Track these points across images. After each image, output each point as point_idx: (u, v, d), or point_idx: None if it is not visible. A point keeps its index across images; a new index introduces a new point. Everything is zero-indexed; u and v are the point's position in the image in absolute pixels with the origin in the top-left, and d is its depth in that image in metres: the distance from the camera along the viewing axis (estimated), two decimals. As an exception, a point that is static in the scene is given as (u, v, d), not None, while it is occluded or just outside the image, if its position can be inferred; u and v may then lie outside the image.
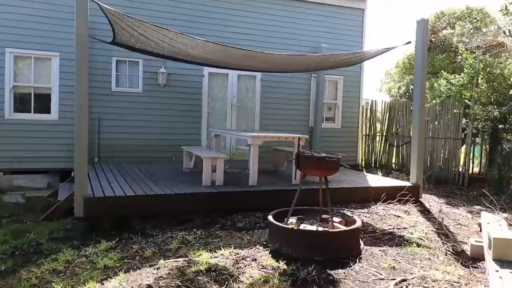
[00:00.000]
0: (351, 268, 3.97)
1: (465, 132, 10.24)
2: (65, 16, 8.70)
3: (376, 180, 8.27)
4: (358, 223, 4.51)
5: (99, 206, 5.63)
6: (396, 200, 6.81)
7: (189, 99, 10.12)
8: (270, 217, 4.56)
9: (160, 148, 9.77)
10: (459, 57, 15.70)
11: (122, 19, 5.91)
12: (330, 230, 4.34)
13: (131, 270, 4.05)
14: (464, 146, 10.21)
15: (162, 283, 3.65)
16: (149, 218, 5.87)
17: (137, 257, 4.48)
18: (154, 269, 4.02)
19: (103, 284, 3.77)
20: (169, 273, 3.87)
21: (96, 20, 7.27)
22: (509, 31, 9.55)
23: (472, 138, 10.31)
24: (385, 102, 12.28)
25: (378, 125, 12.30)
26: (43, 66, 9.02)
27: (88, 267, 4.28)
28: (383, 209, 6.39)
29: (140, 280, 3.76)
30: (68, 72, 8.89)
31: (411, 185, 7.29)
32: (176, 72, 9.86)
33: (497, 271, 3.71)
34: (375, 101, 12.27)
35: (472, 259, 4.49)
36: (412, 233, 5.24)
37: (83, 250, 4.80)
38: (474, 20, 18.78)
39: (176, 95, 9.96)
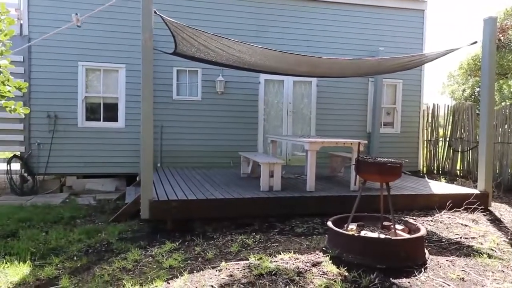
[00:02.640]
0: (416, 277, 3.81)
1: (539, 136, 9.53)
2: (131, 30, 9.15)
3: (439, 187, 7.90)
4: (423, 231, 4.34)
5: (163, 209, 5.78)
6: (462, 208, 6.45)
7: (245, 106, 10.26)
8: (329, 223, 4.50)
9: (218, 153, 9.95)
10: (531, 56, 14.70)
11: (183, 30, 6.14)
12: (394, 238, 4.21)
13: (195, 271, 4.15)
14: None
15: (225, 284, 3.73)
16: (209, 221, 5.97)
17: (200, 259, 4.58)
18: (216, 271, 4.09)
19: (169, 284, 3.90)
20: (230, 275, 3.93)
21: (157, 33, 7.60)
22: None
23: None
24: (448, 105, 11.73)
25: (441, 130, 11.76)
26: (111, 77, 9.51)
27: (155, 266, 4.45)
28: (448, 218, 6.08)
29: (203, 281, 3.86)
30: (134, 82, 9.33)
31: (478, 192, 6.89)
32: (233, 80, 10.04)
33: None
34: (437, 104, 11.76)
35: (551, 273, 4.20)
36: (481, 243, 4.94)
37: (149, 250, 4.97)
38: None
39: (233, 102, 10.14)
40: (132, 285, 3.91)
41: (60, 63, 9.13)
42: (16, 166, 9.15)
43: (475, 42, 7.31)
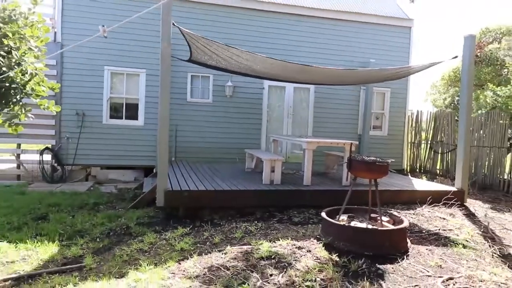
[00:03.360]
0: (399, 264, 3.81)
1: (511, 141, 9.49)
2: (151, 39, 9.16)
3: (421, 184, 7.87)
4: (406, 223, 4.33)
5: (176, 198, 5.80)
6: (441, 203, 6.43)
7: (251, 108, 10.24)
8: (323, 214, 4.50)
9: (225, 150, 9.96)
10: (505, 70, 14.62)
11: (198, 40, 6.14)
12: (380, 228, 4.21)
13: (203, 254, 4.17)
14: (509, 154, 9.47)
15: (230, 266, 3.73)
16: (217, 210, 5.99)
17: (208, 243, 4.60)
18: (222, 253, 4.10)
19: (180, 264, 3.91)
20: (235, 258, 3.94)
21: (174, 42, 7.60)
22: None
23: (518, 147, 9.54)
24: (430, 112, 11.68)
25: (423, 134, 11.72)
26: (132, 81, 9.53)
27: (168, 248, 4.47)
28: (429, 212, 6.06)
29: (210, 262, 3.86)
30: (153, 85, 9.35)
31: (456, 190, 6.86)
32: (241, 85, 10.03)
33: (545, 275, 3.41)
34: (421, 111, 11.72)
35: (519, 263, 4.17)
36: (457, 235, 4.92)
37: (163, 234, 5.01)
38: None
39: (240, 105, 10.13)
40: (147, 265, 3.92)
41: (88, 67, 9.16)
42: (47, 157, 9.20)
43: (456, 57, 7.27)
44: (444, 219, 5.69)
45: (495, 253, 4.36)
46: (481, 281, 3.55)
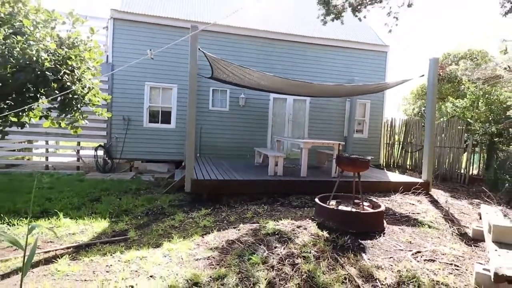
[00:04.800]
0: (377, 240, 3.78)
1: (466, 143, 9.32)
2: (181, 61, 9.22)
3: (394, 176, 7.78)
4: (382, 207, 4.28)
5: (200, 185, 5.82)
6: (410, 192, 6.35)
7: (259, 115, 10.22)
8: (316, 199, 4.47)
9: (239, 148, 9.95)
10: (462, 86, 14.36)
11: (218, 62, 6.13)
12: (362, 211, 4.17)
13: (221, 229, 4.18)
14: (465, 153, 9.31)
15: (242, 239, 3.73)
16: (232, 195, 5.99)
17: (225, 221, 4.61)
18: (236, 230, 4.11)
19: (203, 237, 3.92)
20: (246, 233, 3.93)
21: (199, 63, 7.63)
22: (509, 67, 8.62)
23: (472, 148, 9.37)
24: (401, 119, 11.53)
25: (396, 136, 11.58)
26: (166, 93, 9.57)
27: (193, 225, 4.48)
28: (401, 198, 5.99)
29: (227, 236, 3.87)
30: (182, 97, 9.40)
31: (422, 181, 6.76)
32: (251, 97, 10.01)
33: (496, 250, 3.34)
34: (394, 118, 11.58)
35: (473, 240, 4.09)
36: (424, 217, 4.86)
37: (190, 214, 5.03)
38: (475, 59, 17.11)
39: (250, 112, 10.11)
40: (178, 238, 3.93)
41: (132, 83, 9.22)
42: (100, 152, 9.29)
43: (423, 75, 7.18)
44: (413, 204, 5.63)
45: (454, 232, 4.30)
46: (443, 254, 3.50)
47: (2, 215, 4.84)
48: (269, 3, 11.68)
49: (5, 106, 4.25)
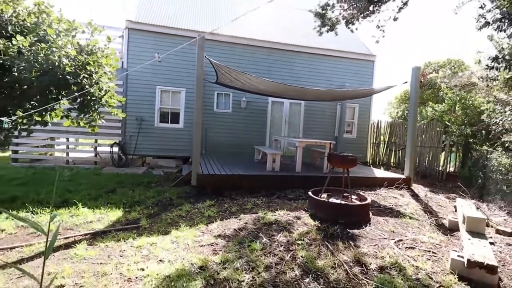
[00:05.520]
0: (363, 229, 3.77)
1: (444, 143, 9.32)
2: (189, 66, 9.18)
3: (380, 173, 7.77)
4: (369, 200, 4.28)
5: (205, 179, 5.82)
6: (394, 187, 6.35)
7: (259, 117, 10.19)
8: (310, 193, 4.46)
9: (240, 146, 9.92)
10: (441, 92, 14.35)
11: (222, 68, 6.11)
12: (350, 204, 4.16)
13: (224, 219, 4.16)
14: (443, 153, 9.31)
15: (243, 228, 3.72)
16: (234, 188, 5.96)
17: (227, 212, 4.58)
18: (237, 219, 4.10)
19: (208, 226, 3.91)
20: (247, 223, 3.92)
21: (205, 69, 7.61)
22: (482, 77, 8.65)
23: (449, 148, 9.37)
24: (387, 121, 11.51)
25: (382, 137, 11.57)
26: (176, 96, 9.54)
27: (199, 215, 4.46)
28: (385, 192, 5.99)
29: (229, 225, 3.86)
30: (190, 100, 9.36)
31: (405, 177, 6.76)
32: (252, 100, 9.99)
33: (469, 239, 3.34)
34: (380, 120, 11.55)
35: (450, 230, 4.10)
36: (405, 209, 4.85)
37: (196, 205, 4.99)
38: (453, 67, 17.10)
39: (251, 114, 10.08)
40: (184, 226, 3.93)
41: (145, 86, 9.19)
42: (115, 149, 9.26)
43: (406, 82, 7.15)
44: (396, 198, 5.63)
45: (432, 223, 4.30)
46: (422, 242, 3.50)
47: (27, 204, 4.83)
48: (268, 16, 11.64)
49: (30, 107, 4.23)
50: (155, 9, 10.19)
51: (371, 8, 6.67)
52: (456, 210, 4.96)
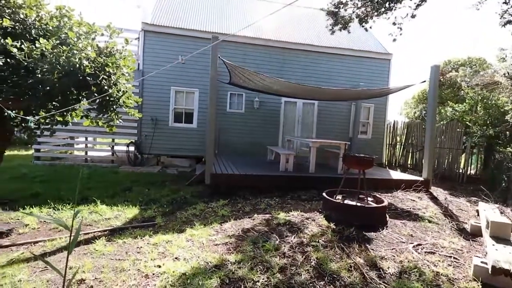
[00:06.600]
0: (380, 232, 3.70)
1: (465, 145, 9.01)
2: (203, 67, 9.27)
3: (396, 174, 7.59)
4: (385, 202, 4.19)
5: (218, 178, 5.85)
6: (411, 189, 6.18)
7: (272, 117, 10.17)
8: (324, 194, 4.41)
9: (253, 146, 9.90)
10: (462, 92, 13.88)
11: (236, 68, 6.14)
12: (366, 206, 4.09)
13: (237, 219, 4.18)
14: (464, 154, 9.00)
15: (256, 228, 3.73)
16: (247, 188, 5.95)
17: (240, 211, 4.61)
18: (251, 219, 4.11)
19: (222, 225, 3.94)
20: (260, 223, 3.93)
21: (219, 69, 7.66)
22: (508, 73, 8.27)
23: (470, 149, 9.04)
24: (403, 122, 11.26)
25: (398, 137, 11.31)
26: (189, 97, 9.65)
27: (213, 214, 4.50)
28: (402, 195, 5.84)
29: (243, 225, 3.87)
30: (203, 100, 9.45)
31: (423, 179, 6.57)
32: (265, 100, 9.97)
33: (493, 244, 3.21)
34: (396, 121, 11.31)
35: (471, 235, 3.94)
36: (424, 213, 4.72)
37: (209, 204, 5.03)
38: (474, 66, 16.50)
39: (264, 114, 10.07)
40: (199, 225, 3.97)
41: (160, 87, 9.35)
42: (131, 148, 9.48)
43: (424, 81, 6.97)
44: (414, 201, 5.48)
45: (453, 227, 4.16)
46: (443, 247, 3.39)
47: (48, 201, 5.02)
48: (280, 15, 11.61)
49: (52, 107, 4.40)
50: (170, 11, 10.36)
51: (386, 5, 6.53)
52: (478, 215, 4.78)
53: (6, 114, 3.70)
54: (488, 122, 9.21)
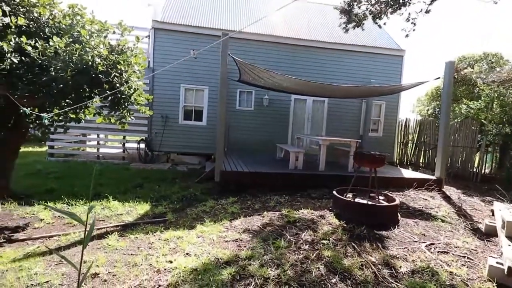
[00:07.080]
0: (391, 231, 3.64)
1: (480, 143, 8.76)
2: (212, 65, 9.29)
3: (408, 173, 7.46)
4: (397, 201, 4.12)
5: (228, 176, 5.87)
6: (424, 188, 6.06)
7: (281, 114, 10.13)
8: (334, 192, 4.37)
9: (262, 144, 9.89)
10: (477, 89, 13.52)
11: (245, 65, 6.13)
12: (377, 204, 4.04)
13: (247, 216, 4.19)
14: (478, 153, 8.76)
15: (266, 226, 3.73)
16: (256, 186, 5.95)
17: (250, 209, 4.62)
18: (261, 216, 4.11)
19: (231, 222, 3.96)
20: (270, 220, 3.92)
21: (228, 66, 7.65)
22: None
23: (485, 148, 8.79)
24: (415, 119, 11.00)
25: (410, 136, 11.10)
26: (199, 94, 9.70)
27: (222, 211, 4.53)
28: (414, 194, 5.74)
29: (253, 222, 3.88)
30: (213, 98, 9.49)
31: (435, 178, 6.43)
32: (274, 98, 9.93)
33: (509, 245, 3.12)
34: (408, 118, 11.07)
35: (486, 235, 3.84)
36: (437, 212, 4.63)
37: (219, 201, 5.07)
38: (490, 62, 16.02)
39: (274, 112, 10.03)
40: (209, 221, 4.00)
41: (170, 85, 9.42)
42: (142, 145, 9.59)
43: (438, 78, 6.79)
44: (426, 200, 5.38)
45: (466, 227, 4.07)
46: (456, 247, 3.32)
47: (62, 196, 5.14)
48: (290, 11, 11.51)
49: (65, 104, 4.49)
50: (180, 9, 10.41)
51: (401, 1, 6.39)
52: (493, 214, 4.65)
53: (21, 111, 3.80)
54: (504, 120, 8.94)
